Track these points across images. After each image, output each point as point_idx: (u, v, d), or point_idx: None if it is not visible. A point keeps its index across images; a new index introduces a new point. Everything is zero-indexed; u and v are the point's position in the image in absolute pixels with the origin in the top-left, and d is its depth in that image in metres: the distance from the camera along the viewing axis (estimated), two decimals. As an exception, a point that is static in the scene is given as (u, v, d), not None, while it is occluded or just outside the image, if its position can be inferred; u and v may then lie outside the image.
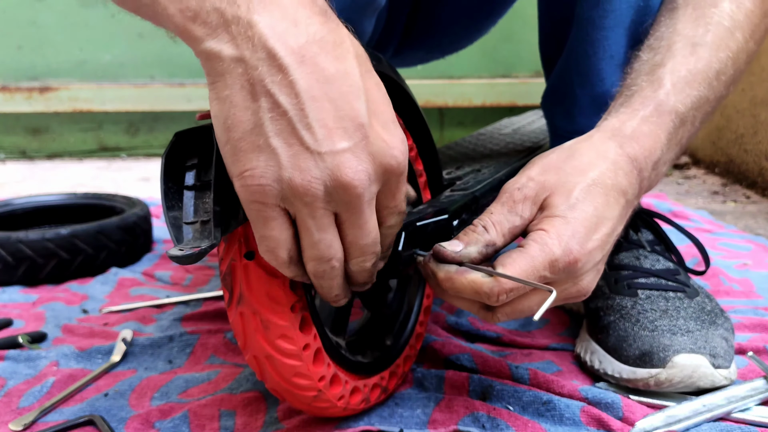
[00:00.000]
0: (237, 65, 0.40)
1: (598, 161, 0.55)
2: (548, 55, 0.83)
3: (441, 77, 2.19)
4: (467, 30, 0.98)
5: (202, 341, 0.79)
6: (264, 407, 0.63)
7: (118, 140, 2.25)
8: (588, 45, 0.71)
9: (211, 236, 0.42)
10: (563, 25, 0.76)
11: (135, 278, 1.05)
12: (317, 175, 0.41)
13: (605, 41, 0.70)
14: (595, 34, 0.70)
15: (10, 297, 0.97)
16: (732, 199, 1.56)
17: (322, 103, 0.41)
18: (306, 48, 0.41)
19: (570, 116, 0.78)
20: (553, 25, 0.79)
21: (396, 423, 0.60)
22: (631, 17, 0.68)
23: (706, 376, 0.61)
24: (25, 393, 0.68)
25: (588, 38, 0.71)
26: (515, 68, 2.19)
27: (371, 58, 0.58)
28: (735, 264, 1.03)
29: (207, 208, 0.44)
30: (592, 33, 0.70)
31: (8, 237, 1.01)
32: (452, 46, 1.02)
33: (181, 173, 0.45)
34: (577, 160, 0.55)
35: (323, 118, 0.41)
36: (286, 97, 0.40)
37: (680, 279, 0.71)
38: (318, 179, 0.41)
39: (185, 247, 0.42)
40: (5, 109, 2.17)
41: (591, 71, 0.72)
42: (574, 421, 0.59)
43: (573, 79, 0.75)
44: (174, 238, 0.43)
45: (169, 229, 0.43)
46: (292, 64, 0.40)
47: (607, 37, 0.69)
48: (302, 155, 0.41)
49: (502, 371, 0.68)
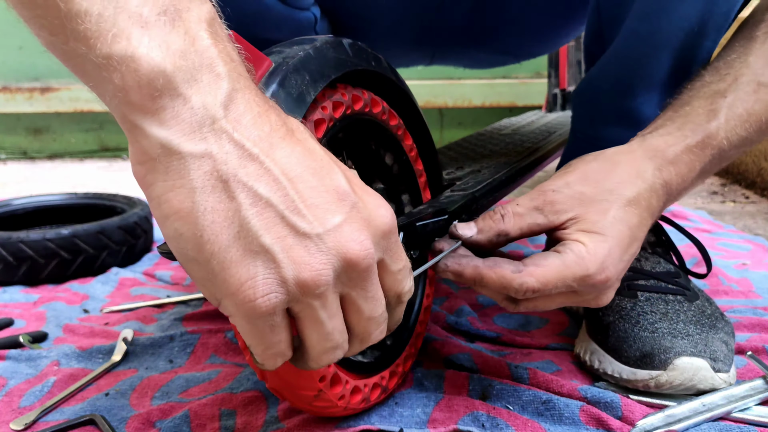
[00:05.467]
0: (202, 162, 0.35)
1: (637, 181, 0.55)
2: (591, 50, 0.78)
3: (441, 78, 2.19)
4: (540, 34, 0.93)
5: (203, 341, 0.79)
6: (264, 407, 0.63)
7: (119, 140, 2.25)
8: (627, 58, 0.68)
9: None
10: (612, 23, 0.71)
11: (136, 278, 1.05)
12: (324, 260, 0.37)
13: (646, 59, 0.67)
14: (638, 50, 0.67)
15: (11, 297, 0.98)
16: (731, 199, 1.56)
17: (303, 182, 0.37)
18: (271, 136, 0.37)
19: (592, 120, 0.77)
20: (601, 23, 0.74)
21: (396, 422, 0.60)
22: (680, 40, 0.64)
23: (706, 380, 0.62)
24: (26, 392, 0.68)
25: (629, 51, 0.68)
26: (515, 69, 2.19)
27: (371, 58, 0.59)
28: (734, 264, 1.03)
29: None
30: (635, 48, 0.67)
31: (9, 237, 1.01)
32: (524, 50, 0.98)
33: None
34: (617, 176, 0.55)
35: (310, 197, 0.37)
36: (266, 186, 0.36)
37: (680, 282, 0.71)
38: (326, 264, 0.37)
39: None
40: (6, 110, 2.18)
41: (624, 84, 0.70)
42: (574, 420, 0.59)
43: (604, 85, 0.73)
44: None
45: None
46: (263, 151, 0.36)
47: (649, 55, 0.66)
48: (301, 244, 0.37)
49: (501, 371, 0.68)
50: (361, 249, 0.38)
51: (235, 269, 0.36)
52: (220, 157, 0.35)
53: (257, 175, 0.36)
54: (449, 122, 2.29)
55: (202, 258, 0.36)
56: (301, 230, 0.37)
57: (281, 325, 0.38)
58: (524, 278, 0.51)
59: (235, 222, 0.35)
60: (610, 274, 0.52)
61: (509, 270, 0.51)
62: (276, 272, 0.36)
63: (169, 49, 0.34)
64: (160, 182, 0.35)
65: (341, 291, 0.40)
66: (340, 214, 0.38)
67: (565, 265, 0.51)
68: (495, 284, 0.52)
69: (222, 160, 0.35)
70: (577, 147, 0.79)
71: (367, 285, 0.40)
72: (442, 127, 2.29)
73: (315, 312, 0.39)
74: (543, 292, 0.51)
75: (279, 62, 0.48)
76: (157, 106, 0.34)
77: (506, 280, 0.51)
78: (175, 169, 0.35)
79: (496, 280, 0.51)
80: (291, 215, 0.36)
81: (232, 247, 0.35)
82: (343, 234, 0.38)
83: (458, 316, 0.83)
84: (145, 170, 0.36)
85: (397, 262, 0.42)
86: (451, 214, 0.58)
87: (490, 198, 0.69)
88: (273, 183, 0.36)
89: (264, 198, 0.36)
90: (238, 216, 0.35)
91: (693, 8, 0.63)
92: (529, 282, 0.51)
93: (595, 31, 0.75)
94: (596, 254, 0.51)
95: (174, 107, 0.35)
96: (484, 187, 0.68)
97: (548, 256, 0.52)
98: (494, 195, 0.71)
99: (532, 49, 0.99)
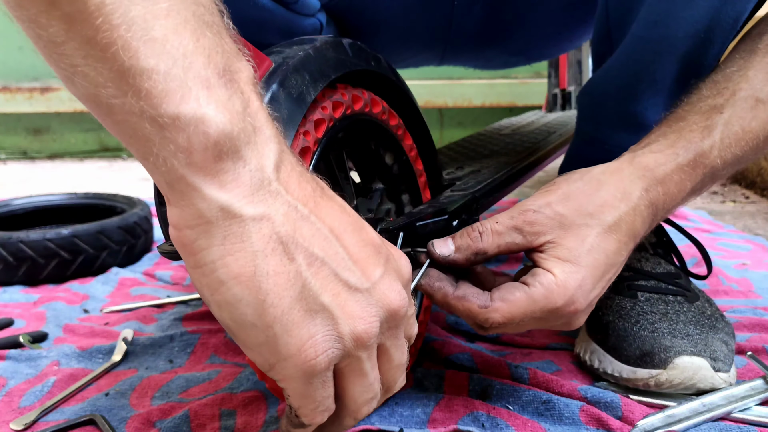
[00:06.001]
0: (262, 225, 0.35)
1: (621, 203, 0.53)
2: (599, 51, 0.77)
3: (441, 78, 2.20)
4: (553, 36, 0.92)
5: (203, 341, 0.79)
6: (264, 406, 0.63)
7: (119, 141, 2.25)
8: (633, 63, 0.67)
9: None
10: (619, 26, 0.70)
11: (136, 278, 1.05)
12: (374, 313, 0.39)
13: (652, 64, 0.66)
14: (645, 56, 0.66)
15: (11, 297, 0.98)
16: (731, 199, 1.56)
17: (347, 239, 0.38)
18: (314, 195, 0.38)
19: (596, 122, 0.76)
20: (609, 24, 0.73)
21: (396, 422, 0.60)
22: (687, 46, 0.63)
23: (706, 379, 0.62)
24: (26, 392, 0.68)
25: (636, 56, 0.67)
26: (515, 69, 2.19)
27: (371, 58, 0.59)
28: (734, 264, 1.03)
29: None
30: (642, 53, 0.66)
31: (9, 237, 1.01)
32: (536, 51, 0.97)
33: None
34: (600, 198, 0.54)
35: (355, 253, 0.39)
36: (319, 246, 0.37)
37: (681, 283, 0.71)
38: (375, 316, 0.39)
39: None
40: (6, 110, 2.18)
41: (630, 89, 0.69)
42: (574, 420, 0.59)
43: (609, 89, 0.72)
44: (165, 233, 0.43)
45: (160, 224, 0.44)
46: (312, 211, 0.37)
47: (654, 61, 0.65)
48: (353, 299, 0.38)
49: (501, 371, 0.68)
50: (401, 299, 0.40)
51: (296, 330, 0.36)
52: (278, 219, 0.35)
53: (310, 235, 0.36)
54: (449, 122, 2.29)
55: (262, 323, 0.35)
56: (353, 285, 0.38)
57: (330, 380, 0.39)
58: (489, 314, 0.51)
59: (297, 284, 0.36)
60: (579, 306, 0.51)
61: (476, 305, 0.52)
62: (334, 328, 0.37)
63: (232, 112, 0.34)
64: (216, 246, 0.34)
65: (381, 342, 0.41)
66: (380, 267, 0.40)
67: (533, 299, 0.51)
68: (461, 315, 0.53)
69: (280, 222, 0.35)
70: (581, 148, 0.79)
71: (399, 333, 0.42)
72: (442, 127, 2.29)
73: (362, 364, 0.40)
74: (509, 325, 0.52)
75: (279, 62, 0.48)
76: (218, 168, 0.34)
77: (472, 314, 0.52)
78: (235, 233, 0.34)
79: (462, 312, 0.52)
80: (343, 272, 0.37)
81: (294, 309, 0.36)
82: (385, 286, 0.39)
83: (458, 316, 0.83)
84: (196, 234, 0.34)
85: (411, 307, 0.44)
86: (451, 214, 0.58)
87: (490, 198, 0.69)
88: (324, 242, 0.37)
89: (319, 257, 0.37)
90: (300, 278, 0.36)
91: (700, 14, 0.61)
92: (494, 317, 0.51)
93: (603, 32, 0.74)
94: (566, 287, 0.51)
95: (235, 170, 0.34)
96: (484, 187, 0.68)
97: (516, 290, 0.51)
98: (494, 195, 0.71)
99: (544, 50, 0.98)
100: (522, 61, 1.01)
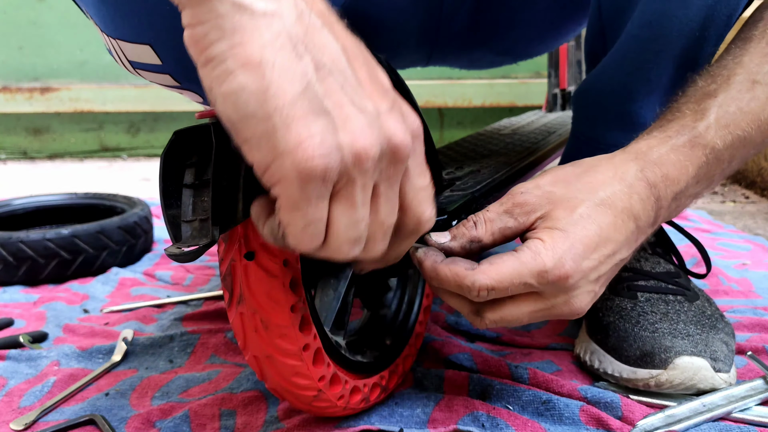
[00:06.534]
0: (273, 21, 0.35)
1: (614, 182, 0.53)
2: (593, 50, 0.76)
3: (441, 78, 2.20)
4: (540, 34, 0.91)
5: (203, 341, 0.79)
6: (264, 407, 0.63)
7: (119, 140, 2.26)
8: (628, 62, 0.67)
9: (209, 234, 0.42)
10: (613, 24, 0.70)
11: (136, 278, 1.05)
12: (376, 136, 0.37)
13: (647, 64, 0.65)
14: (640, 55, 0.65)
15: (11, 297, 0.98)
16: (731, 199, 1.56)
17: (359, 66, 0.38)
18: (330, 14, 0.38)
19: (592, 122, 0.75)
20: (602, 23, 0.72)
21: (396, 422, 0.60)
22: (681, 45, 0.63)
23: (706, 379, 0.62)
24: (26, 392, 0.68)
25: (631, 56, 0.66)
26: (514, 69, 2.19)
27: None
28: (734, 264, 1.03)
29: (205, 206, 0.44)
30: (637, 53, 0.65)
31: (9, 237, 1.01)
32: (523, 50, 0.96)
33: (180, 172, 0.45)
34: (591, 177, 0.53)
35: (365, 79, 0.38)
36: (329, 57, 0.36)
37: (681, 282, 0.71)
38: (375, 143, 0.37)
39: (183, 245, 0.42)
40: (6, 110, 2.18)
41: (625, 88, 0.68)
42: (574, 420, 0.59)
43: (605, 88, 0.71)
44: (172, 236, 0.43)
45: (167, 227, 0.43)
46: (326, 24, 0.37)
47: (649, 60, 0.65)
48: (355, 116, 0.37)
49: (501, 371, 0.68)
50: (405, 138, 0.39)
51: (296, 125, 0.35)
52: (289, 20, 0.35)
53: (321, 45, 0.36)
54: (449, 122, 2.29)
55: (263, 112, 0.35)
56: (357, 104, 0.37)
57: (326, 199, 0.38)
58: (477, 275, 0.49)
59: (302, 82, 0.35)
60: (570, 270, 0.49)
61: (462, 267, 0.50)
62: (334, 136, 0.36)
63: None
64: (225, 39, 0.34)
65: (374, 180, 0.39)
66: (387, 103, 0.39)
67: (520, 261, 0.49)
68: (449, 281, 0.50)
69: (291, 23, 0.35)
70: (577, 148, 0.78)
71: (394, 181, 0.40)
72: (442, 127, 2.29)
73: (354, 190, 0.38)
74: (499, 291, 0.49)
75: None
76: None
77: (459, 277, 0.49)
78: (245, 26, 0.34)
79: (450, 277, 0.50)
80: (349, 89, 0.37)
81: (295, 104, 0.35)
82: (390, 121, 0.38)
83: (458, 316, 0.83)
84: (208, 28, 0.34)
85: (421, 176, 0.42)
86: (450, 214, 0.58)
87: (489, 198, 0.69)
88: (335, 56, 0.37)
89: (327, 67, 0.36)
90: (305, 77, 0.35)
91: (695, 13, 0.61)
92: (481, 279, 0.49)
93: (597, 31, 0.74)
94: (554, 248, 0.49)
95: None
96: (484, 187, 0.68)
97: (504, 256, 0.50)
98: (494, 195, 0.71)
99: (531, 49, 0.97)
100: (508, 60, 1.00)
